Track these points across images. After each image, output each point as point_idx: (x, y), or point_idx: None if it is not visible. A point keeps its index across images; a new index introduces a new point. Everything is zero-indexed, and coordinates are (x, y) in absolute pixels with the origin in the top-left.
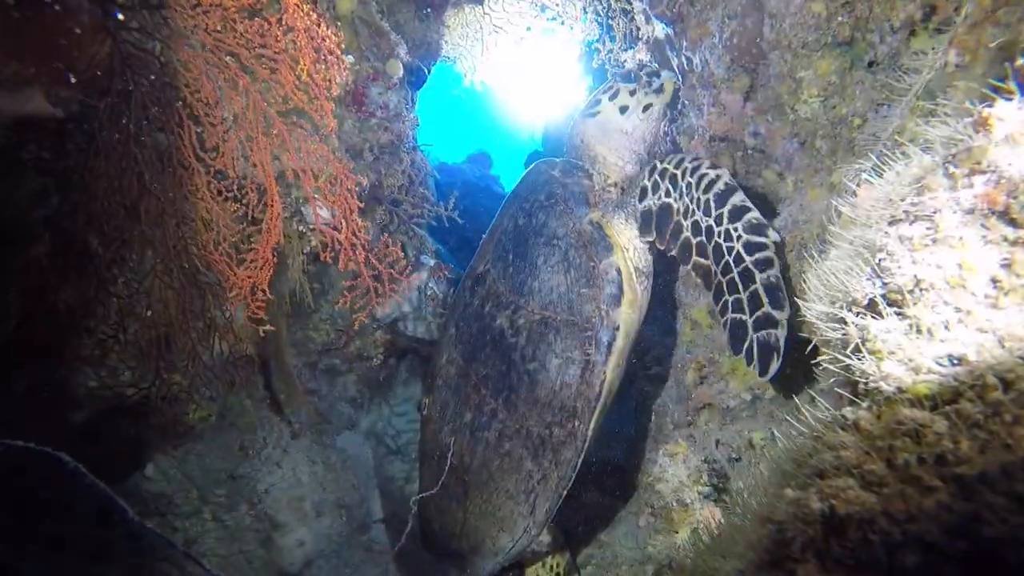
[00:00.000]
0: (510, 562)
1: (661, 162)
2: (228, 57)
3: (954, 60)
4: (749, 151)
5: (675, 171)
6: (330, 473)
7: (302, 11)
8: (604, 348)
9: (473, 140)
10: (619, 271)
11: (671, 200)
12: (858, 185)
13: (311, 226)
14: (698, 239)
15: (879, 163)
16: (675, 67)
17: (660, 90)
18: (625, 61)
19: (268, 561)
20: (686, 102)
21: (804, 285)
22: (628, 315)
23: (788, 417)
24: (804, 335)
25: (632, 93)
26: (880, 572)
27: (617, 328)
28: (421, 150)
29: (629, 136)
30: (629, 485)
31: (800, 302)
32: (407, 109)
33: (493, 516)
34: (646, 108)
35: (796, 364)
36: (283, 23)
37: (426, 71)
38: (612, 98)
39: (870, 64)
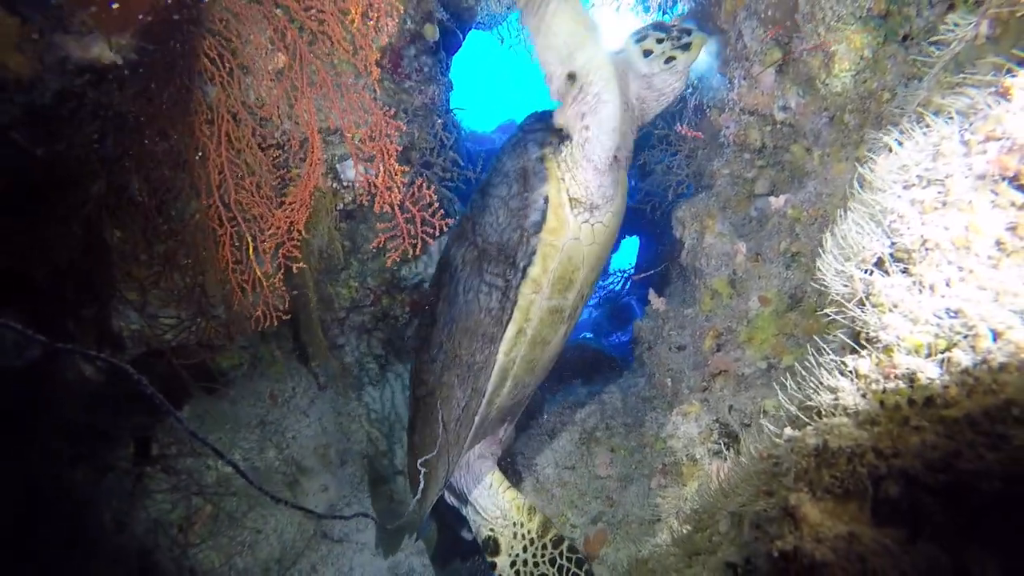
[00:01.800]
0: (442, 491)
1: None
2: (277, 9)
3: (985, 32)
4: (778, 125)
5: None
6: (354, 424)
7: None
8: (519, 272)
9: (505, 109)
10: (546, 200)
11: None
12: (878, 154)
13: (345, 183)
14: None
15: (899, 134)
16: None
17: (687, 47)
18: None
19: (295, 502)
20: (718, 74)
21: (821, 248)
22: (549, 243)
23: (797, 364)
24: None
25: (660, 41)
26: (865, 500)
27: (533, 254)
28: (454, 114)
29: (645, 81)
30: (643, 445)
31: (817, 261)
32: (441, 73)
33: (435, 446)
34: (668, 60)
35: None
36: None
37: (461, 36)
38: (639, 41)
39: (904, 38)
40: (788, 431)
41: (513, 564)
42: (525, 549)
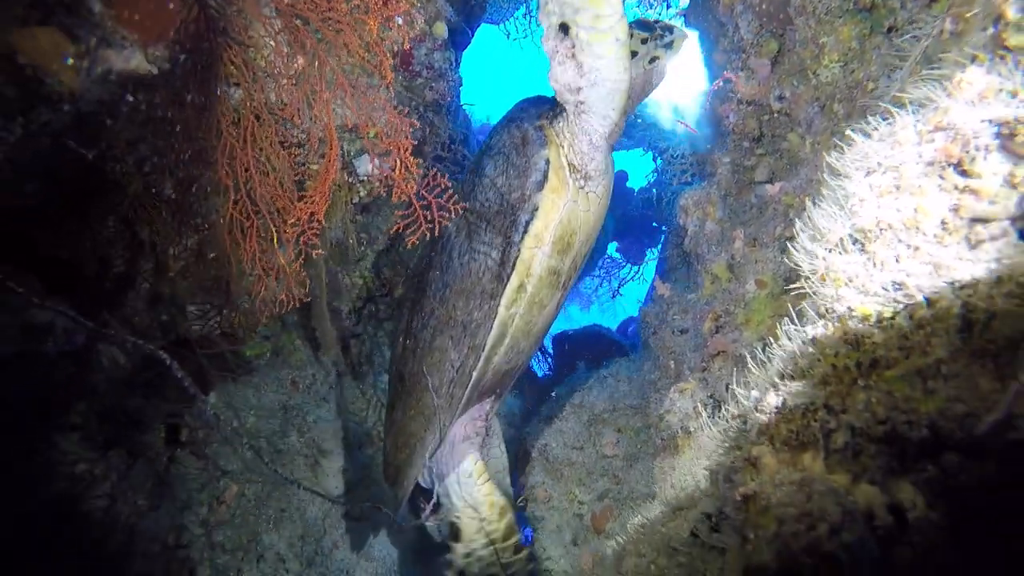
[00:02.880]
0: (431, 455)
1: None
2: (297, 20)
3: (949, 28)
4: (775, 114)
5: None
6: (371, 409)
7: None
8: (521, 228)
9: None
10: (547, 161)
11: None
12: (848, 143)
13: (360, 177)
14: None
15: (868, 124)
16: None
17: (670, 45)
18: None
19: (315, 483)
20: (718, 66)
21: (796, 230)
22: (550, 200)
23: (767, 337)
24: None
25: (644, 42)
26: (818, 450)
27: (536, 209)
28: (464, 109)
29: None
30: (648, 426)
31: (789, 243)
32: (451, 69)
33: (422, 415)
34: (652, 60)
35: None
36: None
37: (470, 32)
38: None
39: (889, 30)
40: (754, 392)
41: (468, 555)
42: (484, 546)
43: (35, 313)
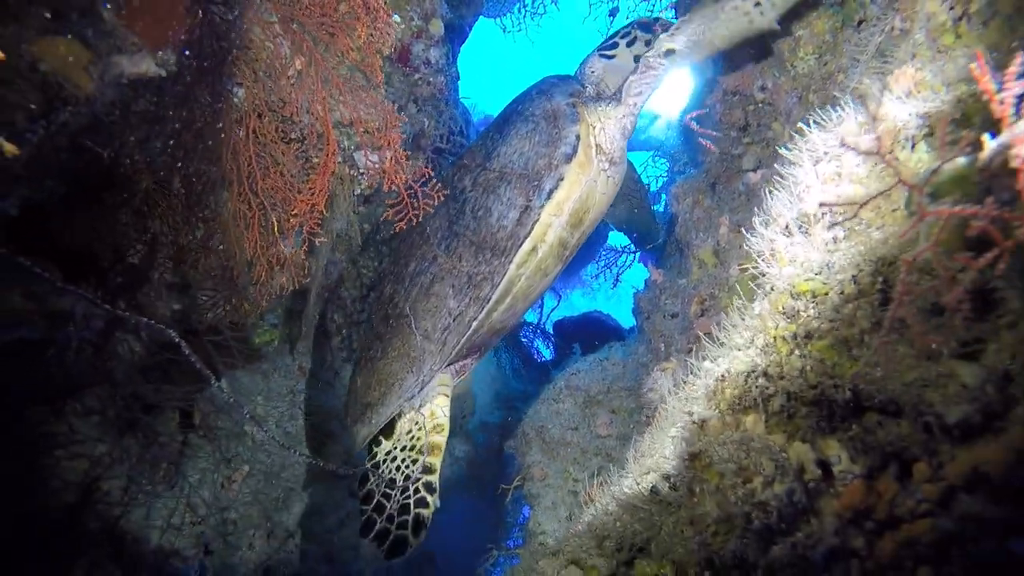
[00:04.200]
0: (408, 398)
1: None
2: (295, 24)
3: (899, 25)
4: (759, 104)
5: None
6: None
7: None
8: (544, 194)
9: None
10: (578, 137)
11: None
12: (801, 134)
13: (361, 170)
14: None
15: (820, 116)
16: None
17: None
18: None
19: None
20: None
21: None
22: (576, 174)
23: (724, 314)
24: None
25: (647, 43)
26: (757, 410)
27: (562, 179)
28: (463, 102)
29: (636, 78)
30: (641, 407)
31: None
32: (448, 64)
33: (407, 356)
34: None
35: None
36: None
37: (467, 27)
38: (629, 45)
39: (859, 23)
40: (706, 364)
41: (388, 453)
42: (403, 449)
43: (56, 301)
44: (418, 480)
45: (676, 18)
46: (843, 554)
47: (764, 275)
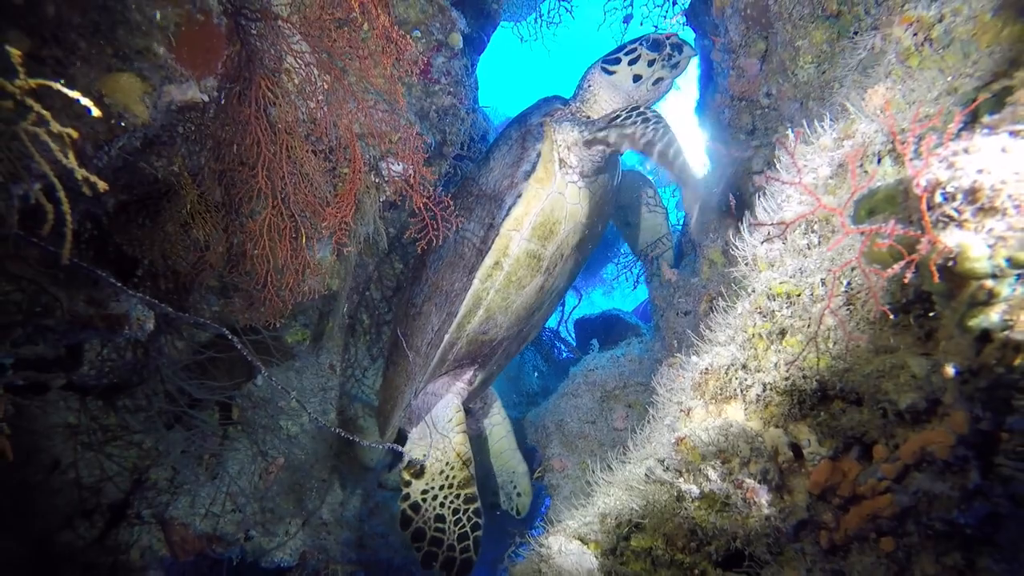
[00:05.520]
0: (407, 407)
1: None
2: (323, 54)
3: (879, 44)
4: (765, 109)
5: (646, 110)
6: None
7: (383, 21)
8: (504, 211)
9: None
10: (539, 155)
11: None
12: (786, 145)
13: (385, 178)
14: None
15: (807, 128)
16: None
17: (676, 66)
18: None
19: (353, 456)
20: (716, 63)
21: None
22: (535, 189)
23: (716, 312)
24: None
25: (651, 64)
26: (737, 399)
27: (520, 196)
28: (482, 110)
29: (630, 97)
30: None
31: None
32: (467, 75)
33: (405, 371)
34: (657, 81)
35: None
36: (365, 28)
37: (485, 39)
38: (632, 63)
39: (855, 34)
40: (693, 359)
41: (424, 493)
42: (442, 488)
43: (115, 305)
44: (467, 510)
45: (688, 25)
46: (813, 526)
47: (746, 277)
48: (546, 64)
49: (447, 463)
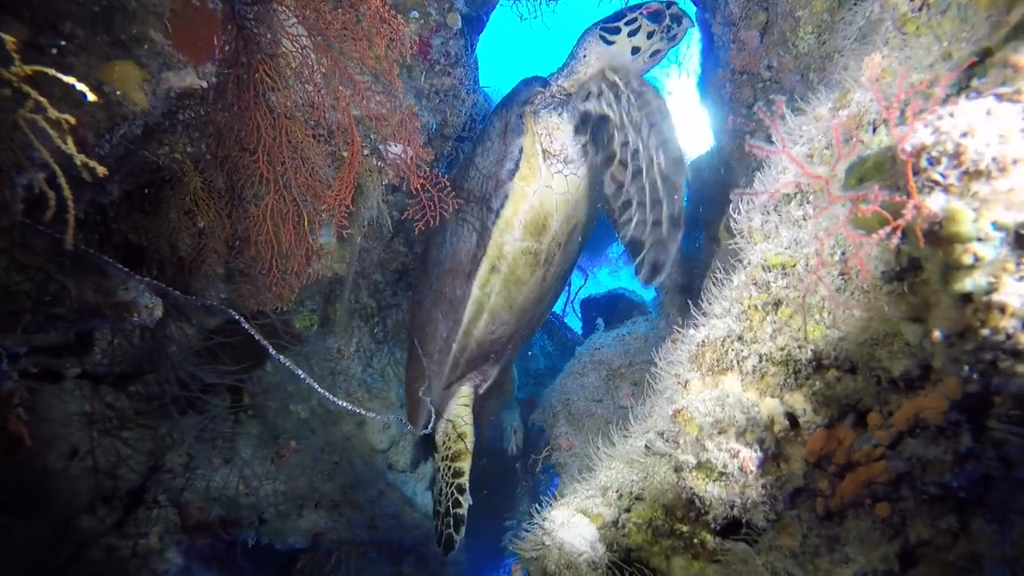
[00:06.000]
0: (427, 411)
1: (613, 72)
2: (319, 36)
3: (877, 11)
4: (766, 82)
5: (621, 84)
6: None
7: (375, 1)
8: (494, 214)
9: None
10: (521, 150)
11: (610, 111)
12: (783, 117)
13: (387, 161)
14: (623, 155)
15: (801, 99)
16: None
17: (674, 38)
18: None
19: (362, 439)
20: (718, 37)
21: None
22: (520, 188)
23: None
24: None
25: (650, 35)
26: (733, 371)
27: (507, 197)
28: (483, 91)
29: (625, 68)
30: None
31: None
32: (467, 55)
33: (421, 375)
34: (654, 53)
35: None
36: (358, 10)
37: (484, 18)
38: (631, 35)
39: (855, 3)
40: (690, 331)
41: (437, 468)
42: (443, 459)
43: (123, 293)
44: (452, 484)
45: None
46: (809, 493)
47: (743, 249)
48: (547, 41)
49: (446, 434)
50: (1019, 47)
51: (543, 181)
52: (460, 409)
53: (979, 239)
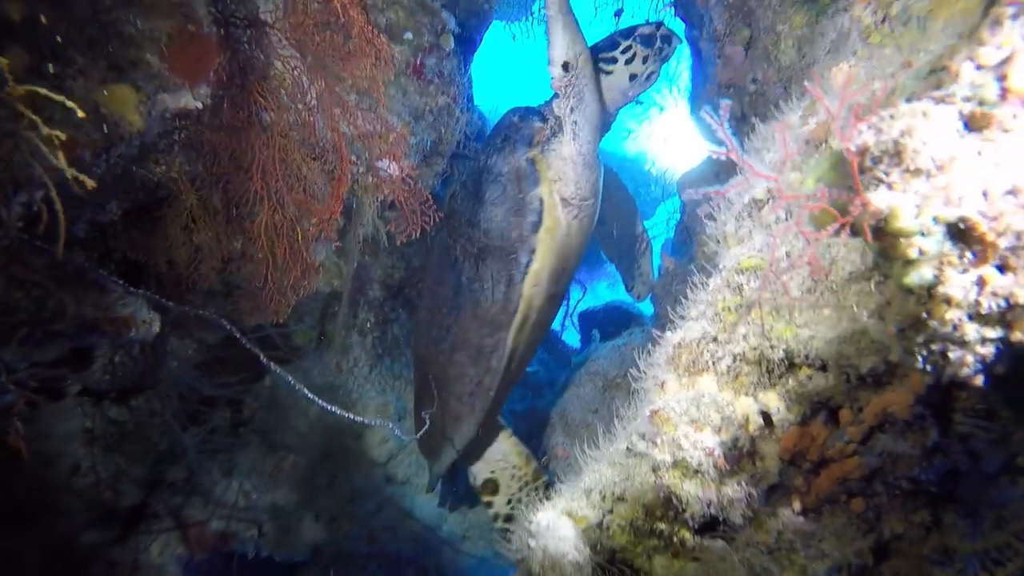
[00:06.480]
0: (462, 453)
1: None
2: (309, 57)
3: (847, 24)
4: (752, 95)
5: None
6: (408, 386)
7: (360, 21)
8: (522, 269)
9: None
10: (541, 201)
11: None
12: (752, 128)
13: (383, 178)
14: None
15: (779, 109)
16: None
17: (666, 58)
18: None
19: (362, 452)
20: (704, 54)
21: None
22: (546, 240)
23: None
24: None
25: (645, 60)
26: (709, 371)
27: (533, 251)
28: (477, 109)
29: (624, 94)
30: None
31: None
32: (460, 74)
33: (451, 415)
34: (649, 76)
35: None
36: (345, 31)
37: (478, 38)
38: (628, 63)
39: (833, 16)
40: (668, 334)
41: (509, 502)
42: (520, 488)
43: (121, 308)
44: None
45: (677, 15)
46: (784, 490)
47: (717, 254)
48: (541, 59)
49: (513, 466)
50: (954, 54)
51: (564, 230)
52: (509, 442)
53: (922, 234)
